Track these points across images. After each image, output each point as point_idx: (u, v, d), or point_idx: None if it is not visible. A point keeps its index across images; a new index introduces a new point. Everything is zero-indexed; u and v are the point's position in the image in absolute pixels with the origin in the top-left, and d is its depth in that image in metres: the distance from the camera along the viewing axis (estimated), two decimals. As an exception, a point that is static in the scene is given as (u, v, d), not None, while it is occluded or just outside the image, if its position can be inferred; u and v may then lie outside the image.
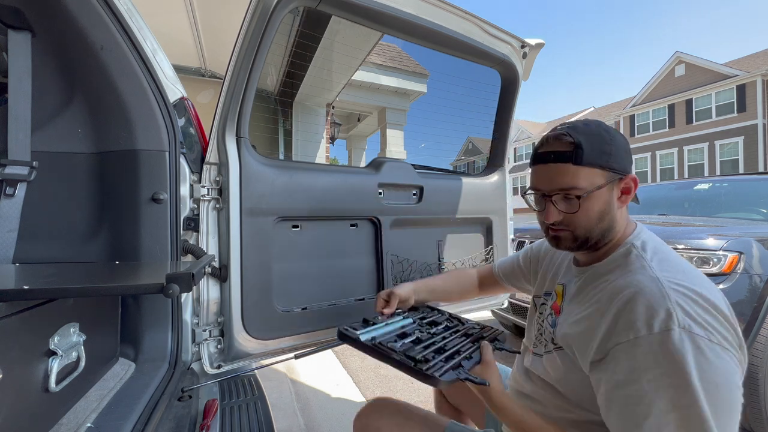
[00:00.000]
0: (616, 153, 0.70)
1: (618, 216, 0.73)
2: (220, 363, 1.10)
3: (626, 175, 0.72)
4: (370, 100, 5.96)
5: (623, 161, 0.71)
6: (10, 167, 0.85)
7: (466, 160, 16.81)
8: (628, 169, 0.72)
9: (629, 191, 0.73)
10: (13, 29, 0.85)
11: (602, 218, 0.71)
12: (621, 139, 0.72)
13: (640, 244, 0.71)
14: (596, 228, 0.72)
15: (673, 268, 0.64)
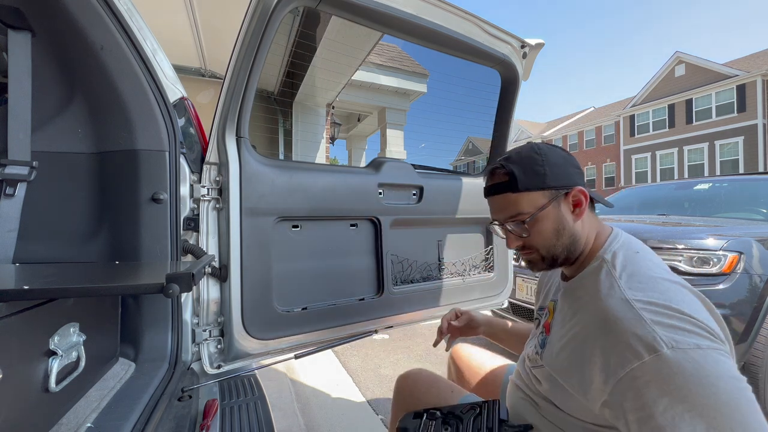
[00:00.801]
0: (551, 171, 0.72)
1: (580, 228, 0.74)
2: (220, 363, 1.10)
3: (571, 189, 0.72)
4: (370, 100, 5.97)
5: (563, 176, 0.72)
6: (10, 167, 0.85)
7: (466, 160, 16.81)
8: (572, 182, 0.72)
9: (580, 203, 0.72)
10: (13, 29, 0.85)
11: (559, 235, 0.73)
12: (556, 156, 0.74)
13: (611, 257, 0.70)
14: (557, 245, 0.74)
15: (642, 282, 0.62)
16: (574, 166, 0.75)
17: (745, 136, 16.72)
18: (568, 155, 0.76)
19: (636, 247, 0.72)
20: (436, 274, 1.58)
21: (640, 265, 0.66)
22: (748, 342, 1.66)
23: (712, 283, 1.72)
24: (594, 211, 0.77)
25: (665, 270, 0.66)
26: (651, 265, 0.66)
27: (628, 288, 0.62)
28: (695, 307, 0.58)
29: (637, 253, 0.69)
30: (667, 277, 0.63)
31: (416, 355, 2.86)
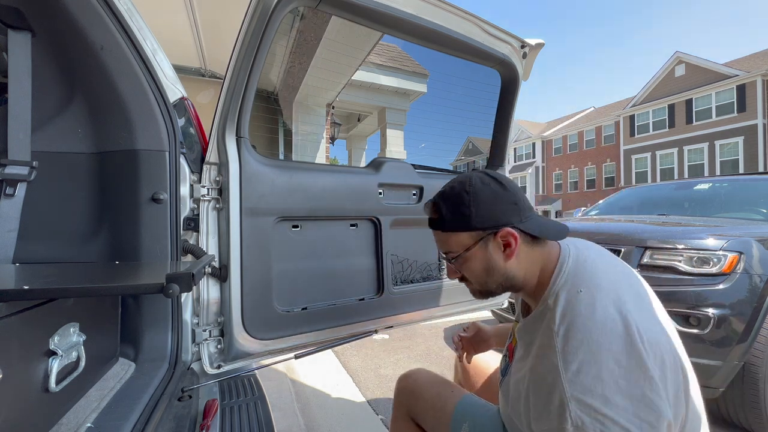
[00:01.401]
0: (477, 211, 0.70)
1: (514, 267, 0.71)
2: (220, 363, 1.10)
3: (499, 230, 0.69)
4: (370, 100, 5.97)
5: (490, 216, 0.70)
6: (10, 167, 0.85)
7: (466, 160, 16.82)
8: (501, 222, 0.69)
9: (510, 244, 0.69)
10: (13, 29, 0.85)
11: (489, 273, 0.73)
12: (487, 194, 0.70)
13: (553, 302, 0.66)
14: (489, 282, 0.74)
15: (576, 347, 0.59)
16: (510, 202, 0.70)
17: (745, 136, 16.72)
18: (503, 191, 0.71)
19: (580, 281, 0.66)
20: (436, 274, 1.58)
21: (579, 316, 0.62)
22: (748, 342, 1.66)
23: (712, 283, 1.72)
24: (538, 243, 0.72)
25: (607, 316, 0.61)
26: (591, 310, 0.62)
27: (561, 353, 0.60)
28: (623, 383, 0.55)
29: (580, 293, 0.64)
30: (602, 340, 0.58)
31: (416, 355, 2.86)
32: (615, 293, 0.64)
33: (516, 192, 0.72)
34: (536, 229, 0.71)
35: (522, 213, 0.70)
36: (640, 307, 0.63)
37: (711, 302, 1.69)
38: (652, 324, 0.62)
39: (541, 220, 0.73)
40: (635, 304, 0.63)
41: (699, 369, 1.68)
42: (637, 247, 1.97)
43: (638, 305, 0.64)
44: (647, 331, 0.59)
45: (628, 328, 0.59)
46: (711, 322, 1.66)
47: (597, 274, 0.67)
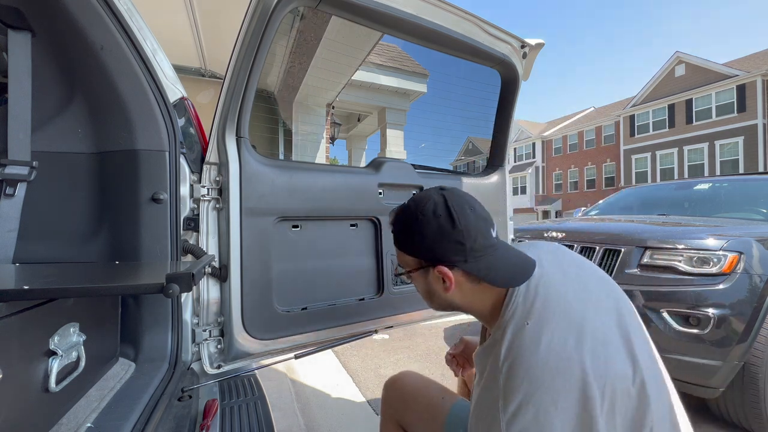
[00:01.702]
0: (419, 241, 0.69)
1: (457, 298, 0.70)
2: (220, 363, 1.10)
3: (435, 265, 0.68)
4: (370, 100, 5.97)
5: (428, 250, 0.68)
6: (10, 167, 0.85)
7: (466, 160, 16.81)
8: (438, 258, 0.68)
9: (447, 281, 0.68)
10: (13, 29, 0.85)
11: (431, 297, 0.73)
12: (433, 227, 0.67)
13: (500, 336, 0.64)
14: (432, 303, 0.74)
15: (516, 389, 0.58)
16: (455, 241, 0.66)
17: (745, 136, 16.72)
18: (451, 229, 0.66)
19: (530, 312, 0.64)
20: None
21: (522, 352, 0.60)
22: (748, 342, 1.66)
23: (712, 283, 1.72)
24: (487, 286, 0.69)
25: (550, 352, 0.59)
26: (535, 345, 0.60)
27: (503, 391, 0.59)
28: (559, 424, 0.55)
29: (526, 326, 0.62)
30: (543, 378, 0.57)
31: (416, 355, 2.86)
32: (567, 323, 0.61)
33: (467, 230, 0.66)
34: (482, 272, 0.67)
35: (468, 253, 0.66)
36: (596, 333, 0.61)
37: (711, 302, 1.69)
38: (606, 351, 0.60)
39: (494, 262, 0.68)
40: (593, 329, 0.61)
41: (699, 369, 1.68)
42: (637, 247, 1.97)
43: (595, 331, 0.61)
44: (596, 362, 0.57)
45: (571, 363, 0.57)
46: (711, 322, 1.66)
47: (550, 303, 0.64)
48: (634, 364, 0.60)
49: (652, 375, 0.62)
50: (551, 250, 0.77)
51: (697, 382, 1.72)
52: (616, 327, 0.64)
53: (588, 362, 0.57)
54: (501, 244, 0.72)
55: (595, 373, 0.57)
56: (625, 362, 0.60)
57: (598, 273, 0.75)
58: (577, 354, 0.58)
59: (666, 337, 1.74)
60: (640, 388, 0.59)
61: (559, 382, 0.56)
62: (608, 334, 0.62)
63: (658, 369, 0.64)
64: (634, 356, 0.61)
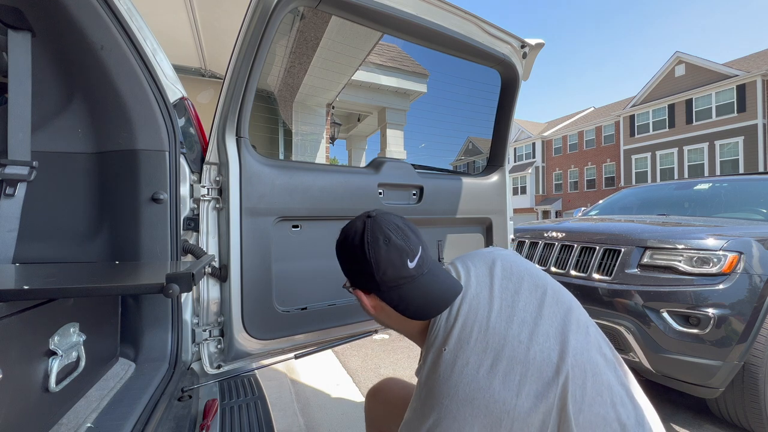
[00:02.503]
0: (344, 265, 0.73)
1: (386, 319, 0.73)
2: (220, 363, 1.10)
3: (354, 289, 0.73)
4: (370, 100, 5.97)
5: (350, 274, 0.72)
6: (10, 167, 0.85)
7: (466, 160, 16.81)
8: (356, 283, 0.72)
9: (367, 305, 0.72)
10: (13, 29, 0.85)
11: (368, 311, 0.73)
12: (350, 254, 0.70)
13: (424, 361, 0.67)
14: (372, 317, 0.75)
15: (431, 407, 0.61)
16: (366, 272, 0.68)
17: (745, 136, 16.72)
18: (362, 260, 0.67)
19: (449, 338, 0.65)
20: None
21: (437, 380, 0.62)
22: (748, 342, 1.66)
23: (712, 283, 1.72)
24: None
25: (461, 381, 0.60)
26: (449, 372, 0.62)
27: (420, 418, 0.62)
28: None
29: (443, 351, 0.64)
30: (450, 407, 0.59)
31: (416, 355, 2.86)
32: (484, 346, 0.62)
33: (376, 262, 0.66)
34: (393, 302, 0.67)
35: (379, 284, 0.67)
36: (515, 353, 0.60)
37: (711, 302, 1.69)
38: (523, 372, 0.59)
39: (408, 293, 0.67)
40: (513, 349, 0.61)
41: (699, 369, 1.68)
42: (637, 247, 1.97)
43: (514, 351, 0.61)
44: (506, 389, 0.58)
45: (480, 393, 0.58)
46: (711, 322, 1.66)
47: (469, 327, 0.64)
48: (556, 382, 0.58)
49: (586, 389, 0.59)
50: (491, 262, 0.75)
51: (697, 382, 1.72)
52: (553, 337, 0.63)
53: (497, 390, 0.58)
54: (424, 272, 0.69)
55: (502, 402, 0.57)
56: (543, 385, 0.58)
57: (546, 283, 0.72)
58: (487, 382, 0.58)
59: (666, 337, 1.74)
60: (560, 410, 0.57)
61: (466, 412, 0.58)
62: (533, 350, 0.61)
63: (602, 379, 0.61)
64: (563, 369, 0.59)
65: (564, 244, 2.36)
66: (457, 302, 0.67)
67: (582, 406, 0.57)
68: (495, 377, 0.59)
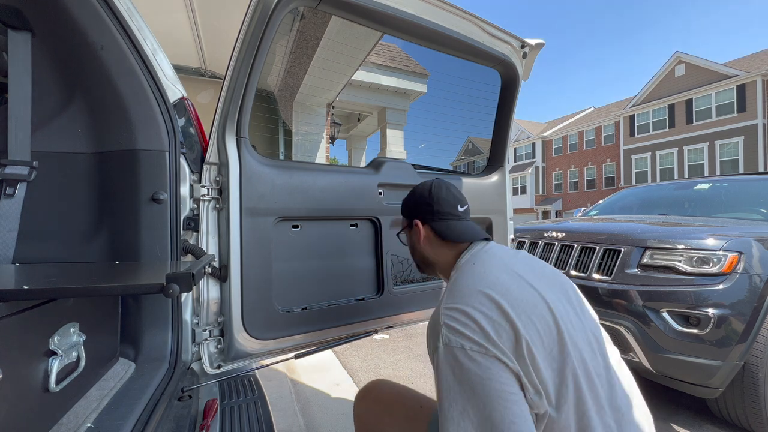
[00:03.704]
0: (410, 205, 0.99)
1: (428, 252, 0.95)
2: (220, 363, 1.10)
3: (412, 221, 0.96)
4: (370, 100, 5.97)
5: (412, 210, 0.97)
6: (10, 167, 0.85)
7: (466, 160, 16.81)
8: (415, 215, 0.96)
9: (418, 233, 0.95)
10: (13, 29, 0.85)
11: (413, 251, 1.00)
12: (418, 193, 0.97)
13: (451, 276, 0.86)
14: (414, 258, 1.02)
15: (454, 292, 0.74)
16: (426, 204, 0.94)
17: (745, 136, 16.72)
18: (427, 197, 0.94)
19: (473, 257, 0.84)
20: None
21: (462, 280, 0.78)
22: (748, 342, 1.66)
23: (712, 283, 1.72)
24: (448, 241, 0.92)
25: (485, 279, 0.75)
26: (471, 269, 0.79)
27: (444, 299, 0.75)
28: (479, 313, 0.68)
29: (473, 265, 0.81)
30: (470, 286, 0.74)
31: (416, 355, 2.86)
32: (503, 266, 0.80)
33: (437, 199, 0.93)
34: (441, 229, 0.92)
35: (434, 214, 0.93)
36: (525, 290, 0.74)
37: (711, 302, 1.69)
38: (534, 301, 0.72)
39: (453, 226, 0.92)
40: (525, 284, 0.75)
41: (699, 369, 1.68)
42: (637, 247, 1.97)
43: (524, 286, 0.75)
44: (521, 297, 0.71)
45: (496, 285, 0.73)
46: (711, 322, 1.66)
47: (493, 256, 0.84)
48: (558, 316, 0.71)
49: (577, 332, 0.71)
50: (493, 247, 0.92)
51: (697, 382, 1.72)
52: (556, 298, 0.75)
53: (514, 291, 0.71)
54: (467, 219, 0.96)
55: (516, 300, 0.70)
56: (548, 311, 0.71)
57: (549, 267, 0.87)
58: (503, 283, 0.73)
59: (666, 337, 1.74)
60: (557, 327, 0.69)
61: (478, 302, 0.70)
62: (538, 295, 0.73)
63: (588, 336, 0.73)
64: (558, 315, 0.71)
65: (564, 244, 2.36)
66: (486, 246, 0.87)
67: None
68: (511, 284, 0.74)
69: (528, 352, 0.64)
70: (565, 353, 0.67)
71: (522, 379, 0.63)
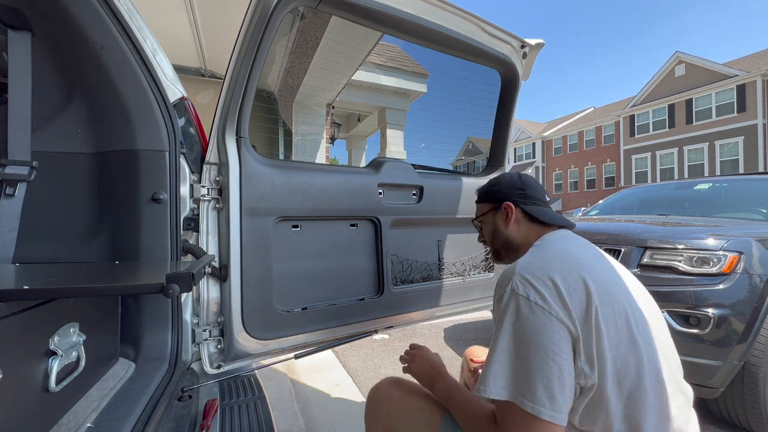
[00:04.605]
0: (497, 190, 1.00)
1: (514, 233, 0.96)
2: (220, 363, 1.10)
3: (501, 203, 0.97)
4: (370, 100, 5.97)
5: (502, 194, 0.98)
6: (10, 167, 0.85)
7: (466, 159, 16.81)
8: (506, 198, 0.96)
9: (509, 215, 0.96)
10: (13, 29, 0.85)
11: (494, 235, 1.00)
12: (507, 180, 1.00)
13: (530, 248, 0.86)
14: (494, 242, 1.01)
15: (536, 255, 0.80)
16: (519, 188, 0.97)
17: (745, 136, 16.72)
18: (518, 182, 0.98)
19: (558, 241, 0.86)
20: (436, 274, 1.58)
21: (545, 249, 0.82)
22: (748, 342, 1.66)
23: (712, 283, 1.72)
24: (536, 222, 0.94)
25: (572, 254, 0.78)
26: (558, 249, 0.81)
27: (524, 258, 0.80)
28: (557, 274, 0.71)
29: (562, 242, 0.85)
30: (556, 254, 0.79)
31: (416, 355, 2.85)
32: (592, 249, 0.84)
33: (529, 186, 0.97)
34: (534, 211, 0.94)
35: (527, 198, 0.96)
36: (597, 270, 0.75)
37: (711, 302, 1.69)
38: (611, 290, 0.72)
39: (543, 209, 0.95)
40: (594, 268, 0.76)
41: (699, 369, 1.68)
42: (637, 247, 1.97)
43: (596, 271, 0.75)
44: (601, 280, 0.72)
45: (577, 259, 0.76)
46: (711, 322, 1.66)
47: (573, 239, 0.87)
48: (631, 313, 0.71)
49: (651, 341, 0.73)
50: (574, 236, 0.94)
51: (697, 382, 1.72)
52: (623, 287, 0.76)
53: (599, 272, 0.73)
54: (551, 207, 0.99)
55: (599, 278, 0.71)
56: (629, 305, 0.72)
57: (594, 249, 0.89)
58: (589, 263, 0.75)
59: (666, 337, 1.74)
60: (628, 323, 0.69)
61: (552, 265, 0.74)
62: (613, 283, 0.74)
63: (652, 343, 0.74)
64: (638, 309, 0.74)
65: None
66: (564, 235, 0.89)
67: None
68: (600, 262, 0.78)
69: (596, 323, 0.66)
70: (636, 347, 0.68)
71: (579, 344, 0.65)
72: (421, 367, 0.99)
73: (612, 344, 0.66)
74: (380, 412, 0.96)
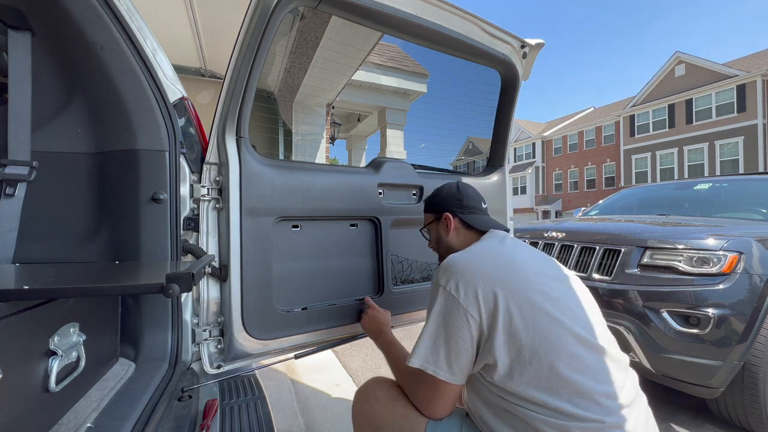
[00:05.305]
0: (438, 201, 1.11)
1: (454, 241, 1.06)
2: (220, 363, 1.10)
3: (442, 214, 1.08)
4: (370, 100, 5.97)
5: (442, 205, 1.09)
6: (10, 167, 0.85)
7: (466, 160, 16.82)
8: (446, 209, 1.07)
9: (448, 225, 1.07)
10: (13, 29, 0.85)
11: (438, 244, 1.12)
12: (446, 191, 1.11)
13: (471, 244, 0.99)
14: (439, 250, 1.13)
15: (464, 254, 0.90)
16: (457, 199, 1.08)
17: (745, 136, 16.72)
18: (456, 193, 1.09)
19: (488, 240, 0.98)
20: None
21: (475, 247, 0.94)
22: (748, 342, 1.66)
23: (712, 283, 1.72)
24: (472, 230, 1.06)
25: (493, 249, 0.93)
26: (482, 246, 0.95)
27: (455, 255, 0.92)
28: (473, 272, 0.84)
29: (486, 241, 0.98)
30: (485, 248, 0.93)
31: (416, 355, 2.85)
32: (503, 246, 0.95)
33: (465, 195, 1.09)
34: (470, 220, 1.06)
35: (464, 208, 1.07)
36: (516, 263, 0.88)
37: (711, 302, 1.69)
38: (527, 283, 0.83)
39: (479, 218, 1.07)
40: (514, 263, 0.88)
41: (699, 369, 1.68)
42: (637, 247, 1.97)
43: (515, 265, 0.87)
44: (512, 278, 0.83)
45: (497, 259, 0.89)
46: (711, 322, 1.66)
47: (504, 242, 0.97)
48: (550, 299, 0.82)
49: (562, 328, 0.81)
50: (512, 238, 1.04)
51: (697, 382, 1.72)
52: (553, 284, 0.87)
53: (516, 263, 0.87)
54: (489, 214, 1.12)
55: (512, 272, 0.84)
56: (542, 297, 0.82)
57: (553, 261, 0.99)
58: (503, 261, 0.88)
59: (666, 337, 1.74)
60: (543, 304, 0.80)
61: (475, 261, 0.87)
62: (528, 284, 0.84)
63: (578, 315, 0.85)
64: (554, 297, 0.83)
65: (564, 244, 2.36)
66: (503, 238, 0.99)
67: None
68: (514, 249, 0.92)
69: (504, 313, 0.79)
70: (552, 320, 0.79)
71: (492, 329, 0.79)
72: (370, 323, 1.22)
73: (528, 325, 0.78)
74: (367, 413, 0.97)
